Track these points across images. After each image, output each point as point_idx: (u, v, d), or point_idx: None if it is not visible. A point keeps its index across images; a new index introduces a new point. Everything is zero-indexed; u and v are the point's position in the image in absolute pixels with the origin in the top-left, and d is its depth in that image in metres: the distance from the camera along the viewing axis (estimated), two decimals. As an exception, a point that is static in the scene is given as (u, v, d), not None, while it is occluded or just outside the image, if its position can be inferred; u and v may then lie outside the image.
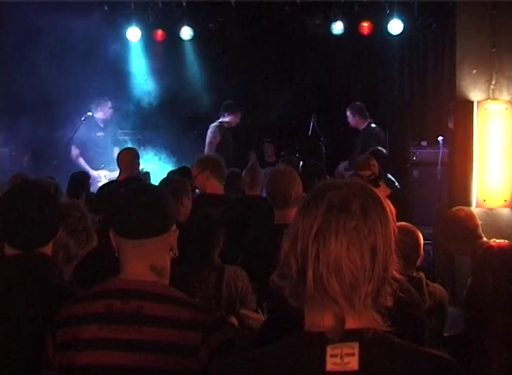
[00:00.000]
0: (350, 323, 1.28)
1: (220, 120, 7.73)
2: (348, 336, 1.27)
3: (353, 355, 1.25)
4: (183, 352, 1.78)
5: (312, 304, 1.30)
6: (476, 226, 3.66)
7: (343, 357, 1.25)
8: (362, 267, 1.26)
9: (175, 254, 1.99)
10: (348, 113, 7.78)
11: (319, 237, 1.27)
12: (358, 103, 7.76)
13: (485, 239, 3.57)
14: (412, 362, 1.28)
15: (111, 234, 1.93)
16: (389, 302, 1.31)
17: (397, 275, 1.33)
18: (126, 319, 1.81)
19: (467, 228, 3.64)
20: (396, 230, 1.35)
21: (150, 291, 1.86)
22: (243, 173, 5.26)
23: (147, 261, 1.88)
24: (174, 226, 1.97)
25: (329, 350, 1.26)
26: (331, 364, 1.25)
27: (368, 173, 5.19)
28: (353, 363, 1.25)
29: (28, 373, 2.02)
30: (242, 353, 1.40)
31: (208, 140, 7.67)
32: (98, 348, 1.80)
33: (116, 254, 1.93)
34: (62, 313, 1.89)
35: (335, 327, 1.27)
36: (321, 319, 1.29)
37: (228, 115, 7.70)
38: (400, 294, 1.35)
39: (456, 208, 4.05)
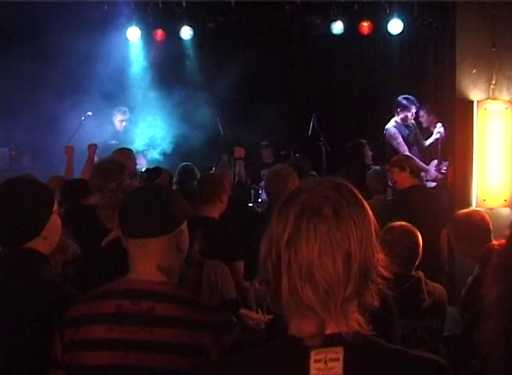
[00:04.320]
0: (332, 328, 1.25)
1: (395, 119, 7.46)
2: (331, 341, 1.24)
3: (337, 359, 1.23)
4: (195, 353, 1.77)
5: (291, 311, 1.27)
6: (489, 230, 3.59)
7: (327, 362, 1.23)
8: (335, 274, 1.23)
9: (183, 255, 1.97)
10: (423, 113, 7.58)
11: (291, 244, 1.24)
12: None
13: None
14: (399, 365, 1.26)
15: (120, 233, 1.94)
16: (375, 302, 1.28)
17: (385, 273, 1.30)
18: (138, 320, 1.80)
19: (479, 232, 3.58)
20: (377, 228, 1.31)
21: (160, 291, 1.85)
22: None
23: (153, 261, 1.87)
24: (181, 227, 1.94)
25: (313, 355, 1.24)
26: (315, 369, 1.23)
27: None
28: (338, 368, 1.23)
29: (31, 372, 2.00)
30: (227, 356, 1.38)
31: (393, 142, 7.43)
32: (109, 348, 1.79)
33: None
34: (71, 312, 1.87)
35: (315, 334, 1.24)
36: (301, 325, 1.27)
37: (400, 112, 7.37)
38: (388, 292, 1.33)
39: (471, 209, 4.00)
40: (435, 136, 7.23)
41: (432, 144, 7.31)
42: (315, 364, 1.23)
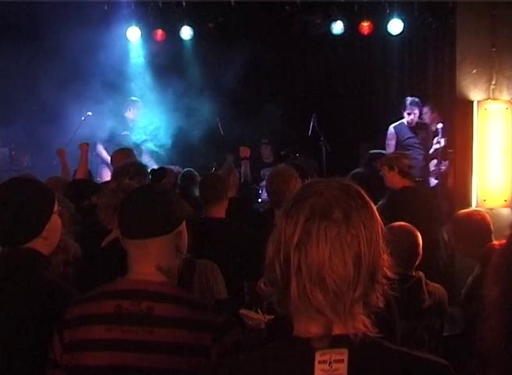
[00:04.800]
0: (338, 329, 1.26)
1: (401, 120, 7.46)
2: (336, 342, 1.25)
3: (342, 361, 1.23)
4: (195, 353, 1.77)
5: (298, 313, 1.27)
6: (489, 231, 3.58)
7: (332, 363, 1.23)
8: (346, 276, 1.23)
9: (182, 255, 1.97)
10: (426, 110, 7.59)
11: (301, 247, 1.24)
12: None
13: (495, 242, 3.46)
14: (403, 366, 1.26)
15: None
16: (380, 303, 1.28)
17: (389, 274, 1.31)
18: (137, 320, 1.79)
19: (480, 232, 3.56)
20: (383, 229, 1.32)
21: (160, 291, 1.85)
22: None
23: (152, 261, 1.87)
24: (180, 227, 1.94)
25: (318, 356, 1.24)
26: (319, 370, 1.23)
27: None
28: (342, 370, 1.23)
29: (30, 372, 2.00)
30: (231, 357, 1.39)
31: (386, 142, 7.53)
32: (108, 348, 1.79)
33: None
34: (70, 313, 1.87)
35: (322, 335, 1.24)
36: (308, 327, 1.27)
37: (404, 113, 7.37)
38: (390, 292, 1.33)
39: (472, 209, 3.98)
40: (435, 146, 7.22)
41: (434, 152, 7.31)
42: (320, 365, 1.23)
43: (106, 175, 7.25)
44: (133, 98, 8.09)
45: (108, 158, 7.34)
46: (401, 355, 1.28)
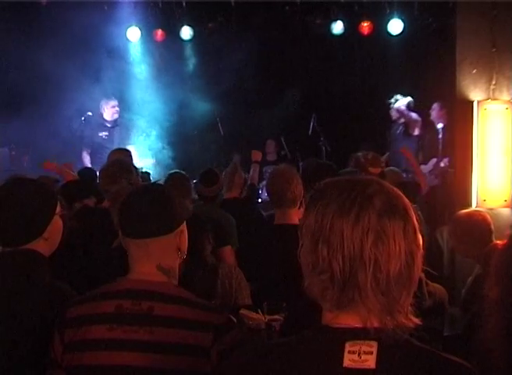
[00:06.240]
0: (371, 323, 1.27)
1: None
2: (368, 334, 1.26)
3: (371, 353, 1.25)
4: (195, 353, 1.78)
5: (334, 302, 1.28)
6: (490, 231, 3.57)
7: (361, 354, 1.25)
8: (400, 274, 1.26)
9: (183, 255, 1.98)
10: (436, 105, 7.67)
11: (378, 244, 1.24)
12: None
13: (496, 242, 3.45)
14: (430, 366, 1.28)
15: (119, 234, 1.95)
16: (423, 301, 1.32)
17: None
18: (138, 319, 1.80)
19: (480, 232, 3.55)
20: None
21: (160, 291, 1.85)
22: (223, 174, 5.22)
23: (153, 261, 1.88)
24: (181, 227, 1.94)
25: (348, 346, 1.25)
26: (348, 360, 1.25)
27: (379, 170, 5.17)
28: (371, 362, 1.24)
29: (30, 372, 2.00)
30: (262, 343, 1.40)
31: None
32: (109, 348, 1.79)
33: None
34: (71, 313, 1.87)
35: (356, 327, 1.26)
36: (342, 317, 1.28)
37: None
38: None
39: (472, 210, 3.97)
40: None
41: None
42: (349, 355, 1.25)
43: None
44: (107, 98, 7.84)
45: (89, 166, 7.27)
46: (430, 355, 1.30)
